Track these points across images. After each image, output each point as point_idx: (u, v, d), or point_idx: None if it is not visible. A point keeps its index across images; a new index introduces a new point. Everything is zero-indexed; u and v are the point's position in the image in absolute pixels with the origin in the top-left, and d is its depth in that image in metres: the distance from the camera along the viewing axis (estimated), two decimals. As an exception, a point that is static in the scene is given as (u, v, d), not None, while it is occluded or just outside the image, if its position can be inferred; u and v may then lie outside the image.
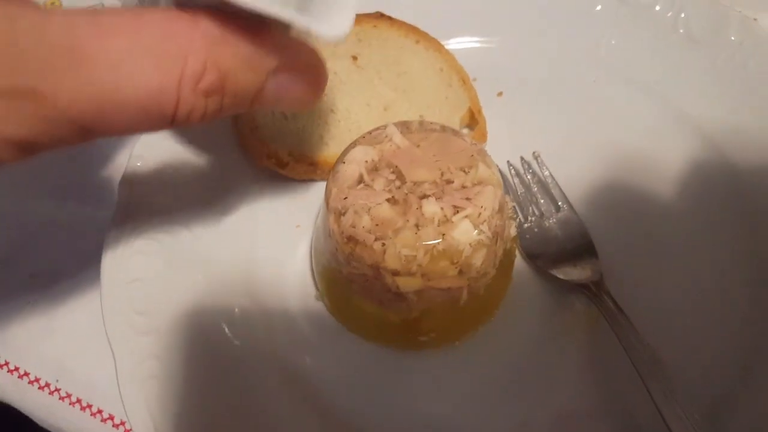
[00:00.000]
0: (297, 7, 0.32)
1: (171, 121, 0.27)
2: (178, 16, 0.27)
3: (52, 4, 0.65)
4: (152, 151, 0.48)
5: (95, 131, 0.26)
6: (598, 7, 0.56)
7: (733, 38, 0.51)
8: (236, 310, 0.44)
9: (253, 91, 0.29)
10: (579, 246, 0.45)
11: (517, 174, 0.49)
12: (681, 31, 0.53)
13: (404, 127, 0.42)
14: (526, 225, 0.47)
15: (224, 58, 0.27)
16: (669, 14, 0.54)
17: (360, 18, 0.53)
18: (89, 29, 0.24)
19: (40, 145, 0.25)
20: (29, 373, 0.45)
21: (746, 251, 0.45)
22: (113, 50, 0.25)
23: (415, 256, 0.36)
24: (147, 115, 0.26)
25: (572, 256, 0.45)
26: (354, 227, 0.37)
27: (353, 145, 0.41)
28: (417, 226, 0.37)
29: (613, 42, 0.55)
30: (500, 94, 0.55)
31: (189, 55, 0.26)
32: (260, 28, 0.28)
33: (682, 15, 0.53)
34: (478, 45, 0.57)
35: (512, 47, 0.57)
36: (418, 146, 0.41)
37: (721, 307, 0.43)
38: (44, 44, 0.24)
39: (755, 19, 0.55)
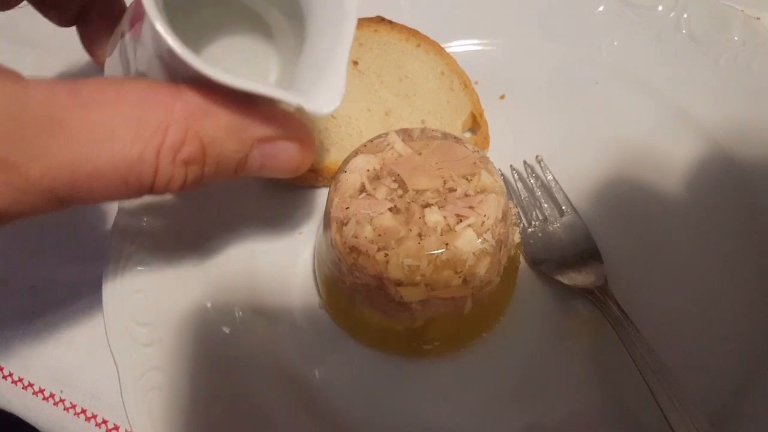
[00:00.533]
0: (287, 83, 0.34)
1: (150, 189, 0.27)
2: (160, 86, 0.27)
3: None
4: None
5: (70, 200, 0.26)
6: (600, 8, 0.56)
7: (736, 38, 0.51)
8: (239, 318, 0.44)
9: (236, 160, 0.29)
10: (583, 251, 0.45)
11: (521, 178, 0.49)
12: (684, 31, 0.53)
13: (406, 134, 0.42)
14: (530, 230, 0.47)
15: (206, 128, 0.27)
16: (672, 15, 0.53)
17: (360, 22, 0.52)
18: (69, 99, 0.25)
19: (12, 213, 0.25)
20: (33, 384, 0.45)
21: (752, 255, 0.45)
22: (92, 120, 0.25)
23: (419, 266, 0.36)
24: (125, 184, 0.26)
25: (576, 261, 0.44)
26: (356, 237, 0.37)
27: (354, 153, 0.41)
28: (420, 235, 0.37)
29: (615, 43, 0.55)
30: (502, 97, 0.55)
31: (169, 126, 0.26)
32: (246, 99, 0.28)
33: (685, 15, 0.53)
34: (479, 48, 0.57)
35: (514, 49, 0.56)
36: (420, 154, 0.40)
37: (726, 312, 0.43)
38: (23, 116, 0.24)
39: (758, 19, 0.54)
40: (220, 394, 0.41)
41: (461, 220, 0.37)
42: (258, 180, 0.50)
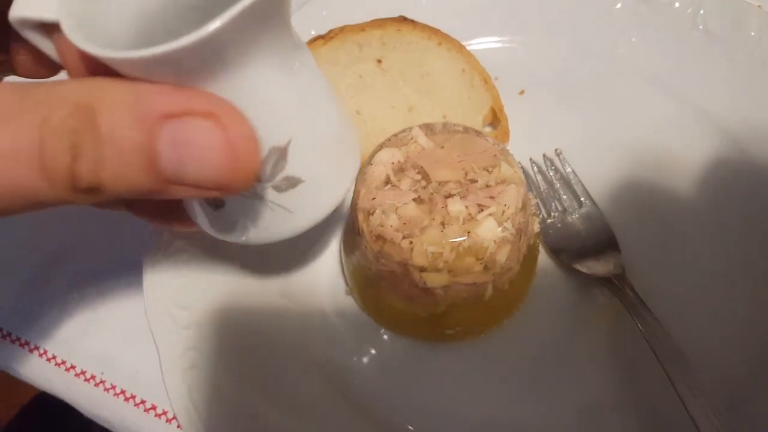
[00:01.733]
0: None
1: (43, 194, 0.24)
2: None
3: None
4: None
5: None
6: (618, 5, 0.57)
7: (752, 34, 0.52)
8: (271, 304, 0.46)
9: (139, 146, 0.23)
10: (601, 240, 0.46)
11: (540, 171, 0.50)
12: (700, 27, 0.54)
13: (428, 129, 0.43)
14: (549, 221, 0.48)
15: (93, 102, 0.23)
16: (689, 11, 0.54)
17: (383, 22, 0.54)
18: None
19: None
20: (75, 366, 0.48)
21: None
22: None
23: (442, 252, 0.38)
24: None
25: (595, 251, 0.46)
26: (382, 226, 0.39)
27: (380, 147, 0.43)
28: (443, 224, 0.38)
29: (633, 39, 0.56)
30: (522, 92, 0.56)
31: (51, 105, 0.23)
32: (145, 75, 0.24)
33: (701, 12, 0.54)
34: (499, 45, 0.58)
35: (533, 46, 0.58)
36: (442, 147, 0.42)
37: (743, 300, 0.44)
38: None
39: (776, 14, 0.55)
40: (254, 375, 0.43)
41: (482, 210, 0.39)
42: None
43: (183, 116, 0.24)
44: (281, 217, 0.33)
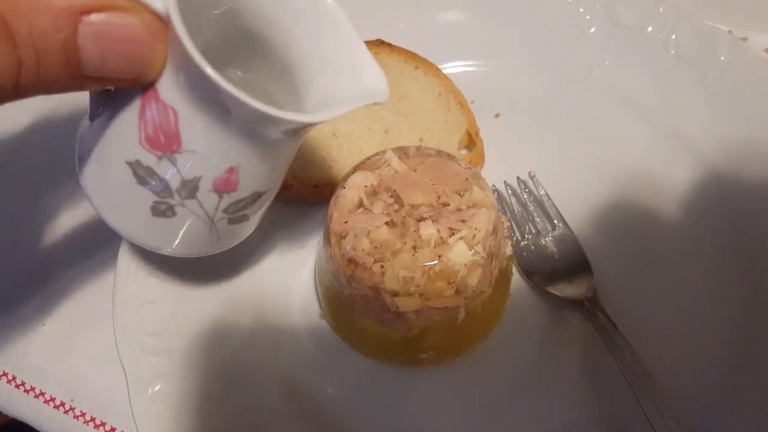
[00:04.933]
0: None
1: None
2: None
3: None
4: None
5: None
6: (592, 30, 0.58)
7: (722, 58, 0.53)
8: (243, 329, 0.46)
9: (59, 42, 0.24)
10: (574, 263, 0.46)
11: (514, 193, 0.51)
12: (672, 51, 0.55)
13: (402, 152, 0.43)
14: (522, 243, 0.48)
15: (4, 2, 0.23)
16: (660, 35, 0.55)
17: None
18: None
19: None
20: (45, 393, 0.47)
21: (739, 268, 0.46)
22: None
23: (413, 277, 0.38)
24: None
25: (567, 273, 0.46)
26: (354, 250, 0.39)
27: (353, 170, 0.43)
28: (414, 248, 0.38)
29: (606, 63, 0.57)
30: (497, 115, 0.57)
31: None
32: None
33: (673, 36, 0.55)
34: (475, 69, 0.59)
35: (508, 70, 0.58)
36: (416, 170, 0.42)
37: (714, 324, 0.44)
38: None
39: (745, 39, 0.56)
40: (225, 402, 0.43)
41: (454, 233, 0.39)
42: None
43: (102, 10, 0.25)
44: (213, 240, 0.37)
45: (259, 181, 0.35)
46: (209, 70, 0.27)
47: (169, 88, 0.29)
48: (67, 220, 0.53)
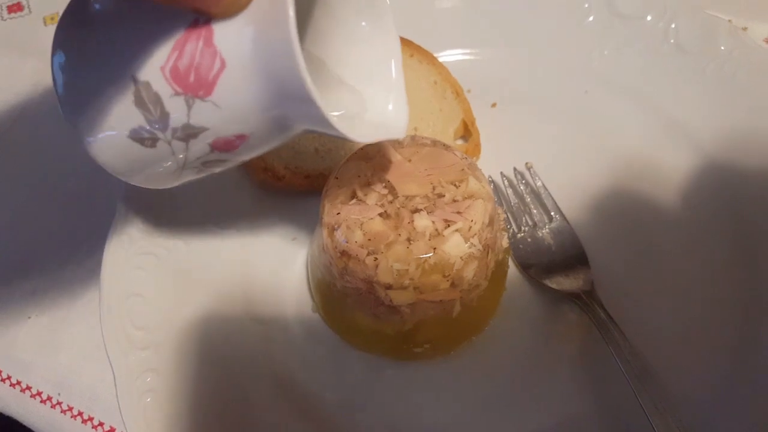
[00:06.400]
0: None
1: None
2: None
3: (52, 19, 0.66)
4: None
5: None
6: (590, 18, 0.57)
7: (722, 48, 0.52)
8: (234, 322, 0.45)
9: None
10: (571, 256, 0.46)
11: (510, 185, 0.50)
12: (671, 41, 0.54)
13: (396, 142, 0.43)
14: (519, 235, 0.47)
15: None
16: (660, 25, 0.54)
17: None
18: None
19: None
20: (31, 387, 0.46)
21: (738, 259, 0.46)
22: None
23: (407, 269, 0.37)
24: None
25: (564, 266, 0.45)
26: (347, 242, 0.38)
27: (346, 160, 0.42)
28: (409, 240, 0.38)
29: (605, 53, 0.56)
30: (494, 105, 0.56)
31: None
32: None
33: (673, 25, 0.54)
34: (471, 57, 0.58)
35: (505, 59, 0.57)
36: (410, 161, 0.41)
37: (712, 317, 0.43)
38: None
39: (745, 29, 0.55)
40: (215, 397, 0.42)
41: (449, 225, 0.38)
42: (254, 187, 0.51)
43: None
44: (167, 178, 0.35)
45: (255, 152, 0.33)
46: (309, 83, 0.26)
47: (233, 39, 0.27)
48: (52, 212, 0.52)
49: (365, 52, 0.35)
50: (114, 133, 0.31)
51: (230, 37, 0.27)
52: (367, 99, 0.35)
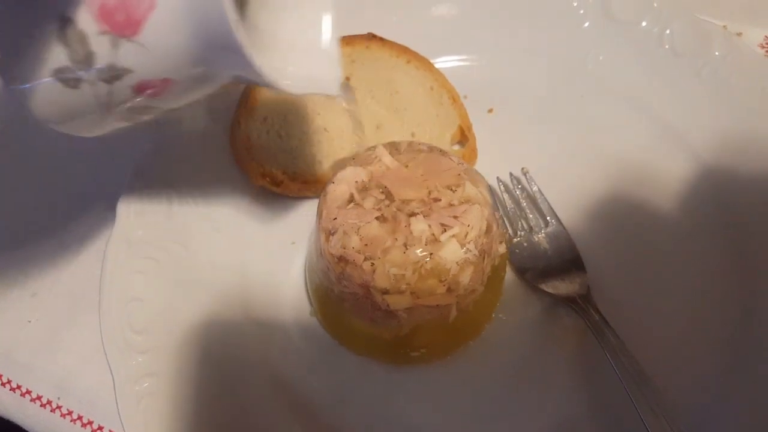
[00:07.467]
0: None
1: None
2: None
3: None
4: (151, 171, 0.49)
5: None
6: (586, 24, 0.57)
7: (717, 53, 0.52)
8: (232, 327, 0.45)
9: None
10: (567, 260, 0.46)
11: (507, 190, 0.50)
12: (666, 46, 0.54)
13: (393, 147, 0.43)
14: (515, 240, 0.48)
15: None
16: (655, 30, 0.55)
17: (352, 39, 0.54)
18: None
19: None
20: (31, 391, 0.46)
21: (733, 262, 0.46)
22: None
23: (404, 274, 0.37)
24: None
25: (560, 270, 0.46)
26: (344, 247, 0.38)
27: (343, 165, 0.42)
28: (405, 245, 0.38)
29: (600, 58, 0.56)
30: (490, 110, 0.56)
31: None
32: None
33: (668, 31, 0.54)
34: (468, 63, 0.58)
35: (502, 64, 0.58)
36: (407, 166, 0.42)
37: (707, 321, 0.44)
38: None
39: (740, 34, 0.56)
40: (213, 401, 0.42)
41: (445, 230, 0.38)
42: (253, 192, 0.51)
43: None
44: (91, 124, 0.34)
45: (182, 98, 0.33)
46: (236, 29, 0.26)
47: None
48: (52, 215, 0.53)
49: (297, 11, 0.35)
50: (39, 74, 0.30)
51: None
52: (300, 55, 0.35)
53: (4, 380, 0.47)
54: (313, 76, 0.34)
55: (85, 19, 0.28)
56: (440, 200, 0.40)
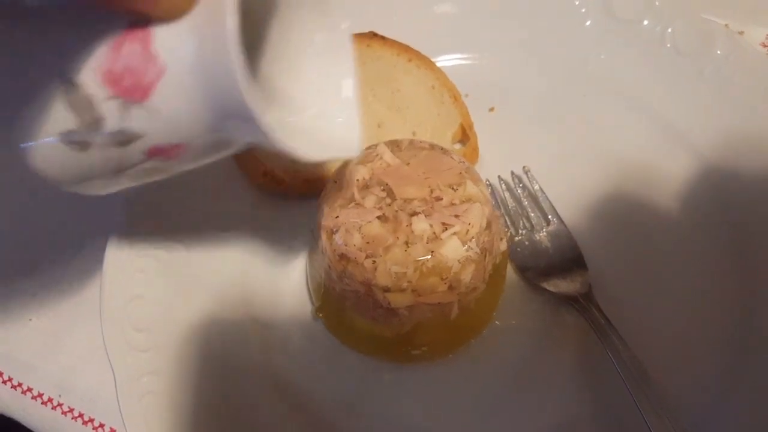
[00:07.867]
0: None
1: None
2: None
3: None
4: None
5: None
6: (588, 23, 0.57)
7: (719, 51, 0.52)
8: (233, 325, 0.45)
9: None
10: (568, 258, 0.46)
11: (508, 188, 0.50)
12: (668, 45, 0.54)
13: (394, 145, 0.43)
14: (517, 238, 0.48)
15: None
16: (657, 29, 0.55)
17: (354, 37, 0.54)
18: None
19: None
20: (32, 389, 0.46)
21: (735, 261, 0.46)
22: None
23: (405, 272, 0.37)
24: None
25: (562, 269, 0.46)
26: (345, 245, 0.38)
27: (344, 164, 0.42)
28: (407, 243, 0.38)
29: (602, 57, 0.56)
30: (492, 109, 0.56)
31: None
32: None
33: (670, 30, 0.54)
34: (469, 62, 0.58)
35: (503, 63, 0.57)
36: (408, 164, 0.42)
37: (709, 319, 0.44)
38: None
39: (742, 32, 0.56)
40: (214, 399, 0.42)
41: (447, 228, 0.38)
42: (254, 191, 0.51)
43: None
44: (103, 184, 0.33)
45: (196, 162, 0.32)
46: (251, 102, 0.25)
47: (173, 45, 0.26)
48: (53, 214, 0.53)
49: (317, 68, 0.34)
50: (46, 137, 0.30)
51: (170, 42, 0.26)
52: (318, 117, 0.34)
53: (6, 378, 0.47)
54: (331, 141, 0.33)
55: (92, 84, 0.27)
56: (442, 199, 0.40)
